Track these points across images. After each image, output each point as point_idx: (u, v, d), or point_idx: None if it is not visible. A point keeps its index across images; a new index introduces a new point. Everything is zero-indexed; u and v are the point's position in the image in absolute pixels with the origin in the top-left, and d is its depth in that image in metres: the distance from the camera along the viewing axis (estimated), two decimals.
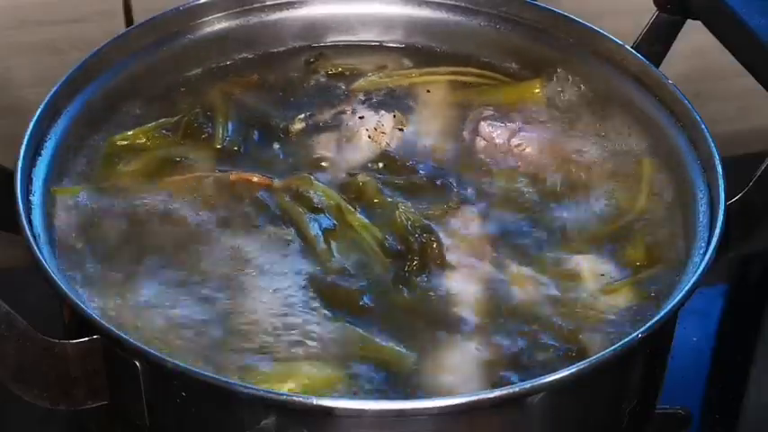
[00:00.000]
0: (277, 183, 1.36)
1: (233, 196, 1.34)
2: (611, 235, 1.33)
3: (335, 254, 1.28)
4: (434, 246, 1.28)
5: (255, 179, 1.36)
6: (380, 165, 1.39)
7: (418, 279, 1.26)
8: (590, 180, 1.39)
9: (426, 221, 1.31)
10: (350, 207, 1.32)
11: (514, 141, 1.42)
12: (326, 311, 1.23)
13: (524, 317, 1.24)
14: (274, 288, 1.25)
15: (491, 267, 1.28)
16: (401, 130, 1.44)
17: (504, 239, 1.31)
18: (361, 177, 1.36)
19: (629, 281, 1.28)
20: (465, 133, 1.44)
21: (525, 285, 1.27)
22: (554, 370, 1.15)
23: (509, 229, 1.33)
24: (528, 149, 1.41)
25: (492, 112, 1.46)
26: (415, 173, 1.38)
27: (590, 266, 1.29)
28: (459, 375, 1.18)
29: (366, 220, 1.31)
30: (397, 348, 1.20)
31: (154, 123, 1.42)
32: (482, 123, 1.43)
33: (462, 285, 1.26)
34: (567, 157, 1.42)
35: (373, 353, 1.19)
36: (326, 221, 1.31)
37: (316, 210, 1.32)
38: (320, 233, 1.29)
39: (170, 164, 1.38)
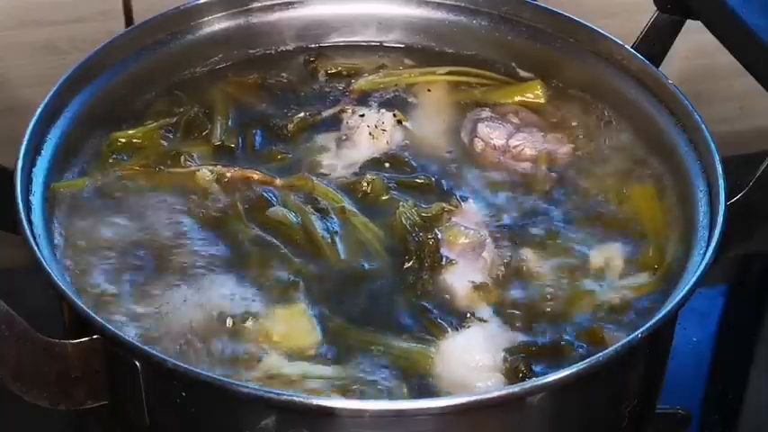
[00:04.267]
0: (278, 181, 1.36)
1: (234, 192, 1.35)
2: (610, 234, 1.33)
3: (339, 253, 1.28)
4: (432, 244, 1.28)
5: (257, 177, 1.36)
6: (381, 164, 1.39)
7: (419, 276, 1.26)
8: (588, 180, 1.39)
9: (425, 220, 1.31)
10: (351, 206, 1.33)
11: (513, 142, 1.42)
12: (332, 311, 1.23)
13: (526, 312, 1.24)
14: (277, 285, 1.25)
15: (492, 263, 1.28)
16: (402, 128, 1.44)
17: (504, 237, 1.32)
18: (369, 176, 1.36)
19: (629, 280, 1.28)
20: (464, 132, 1.44)
21: (526, 280, 1.27)
22: (556, 363, 1.15)
23: (508, 228, 1.33)
24: (526, 149, 1.41)
25: (492, 113, 1.46)
26: (416, 171, 1.39)
27: (589, 265, 1.29)
28: (466, 369, 1.19)
29: (367, 220, 1.31)
30: (415, 345, 1.20)
31: (155, 123, 1.42)
32: (481, 123, 1.43)
33: (463, 282, 1.26)
34: (566, 157, 1.42)
35: (388, 350, 1.20)
36: (329, 220, 1.31)
37: (318, 209, 1.32)
38: (326, 232, 1.30)
39: (169, 159, 1.38)
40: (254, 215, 1.32)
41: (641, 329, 1.15)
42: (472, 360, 1.19)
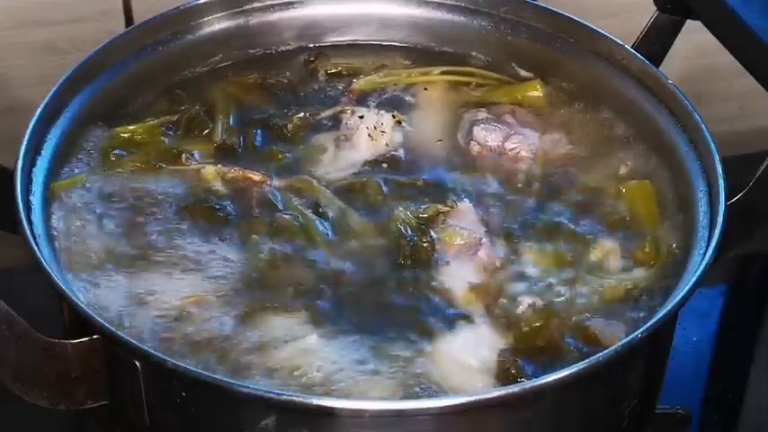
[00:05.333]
0: (278, 182, 1.36)
1: (233, 191, 1.35)
2: (607, 233, 1.33)
3: (337, 255, 1.28)
4: (427, 246, 1.29)
5: (257, 178, 1.36)
6: (379, 164, 1.39)
7: (415, 278, 1.27)
8: (586, 180, 1.39)
9: (421, 221, 1.31)
10: (349, 208, 1.33)
11: (509, 144, 1.42)
12: (329, 311, 1.24)
13: (522, 312, 1.24)
14: (276, 287, 1.25)
15: (487, 264, 1.29)
16: (400, 129, 1.44)
17: (500, 238, 1.32)
18: (363, 178, 1.36)
19: (628, 280, 1.28)
20: (461, 134, 1.44)
21: (522, 281, 1.27)
22: (551, 364, 1.15)
23: (504, 228, 1.33)
24: (522, 152, 1.41)
25: (488, 114, 1.45)
26: (414, 173, 1.39)
27: (586, 264, 1.29)
28: (460, 371, 1.19)
29: (364, 222, 1.31)
30: (410, 347, 1.20)
31: (156, 121, 1.43)
32: (477, 126, 1.43)
33: (459, 283, 1.27)
34: (563, 157, 1.42)
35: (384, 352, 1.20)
36: (327, 223, 1.31)
37: (317, 212, 1.32)
38: (325, 235, 1.30)
39: (170, 157, 1.38)
40: (254, 216, 1.32)
41: (641, 329, 1.15)
42: (467, 362, 1.19)
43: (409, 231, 1.30)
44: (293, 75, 1.52)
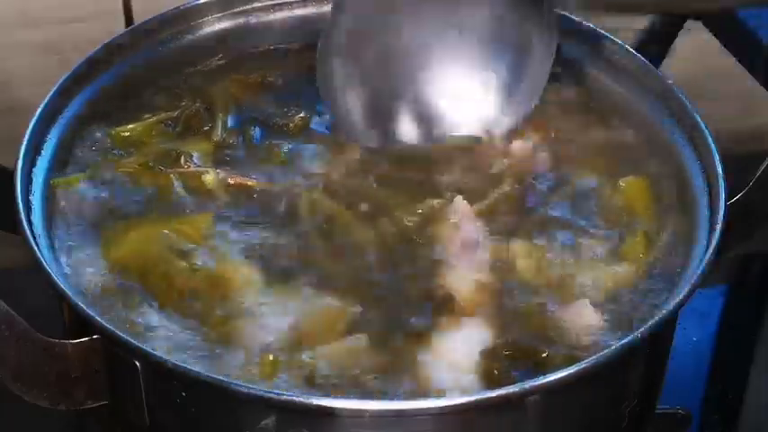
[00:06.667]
0: (277, 187, 1.36)
1: (232, 196, 1.35)
2: (609, 234, 1.33)
3: (332, 258, 1.28)
4: (424, 245, 1.29)
5: (254, 184, 1.36)
6: (378, 164, 1.39)
7: (411, 277, 1.27)
8: (584, 179, 1.39)
9: (419, 221, 1.31)
10: (346, 210, 1.33)
11: (508, 145, 1.42)
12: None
13: (520, 310, 1.24)
14: (272, 290, 1.26)
15: (484, 262, 1.29)
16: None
17: (497, 236, 1.31)
18: (362, 178, 1.36)
19: (628, 280, 1.28)
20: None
21: (518, 280, 1.27)
22: (551, 361, 1.16)
23: (501, 227, 1.33)
24: (521, 150, 1.41)
25: None
26: (413, 171, 1.39)
27: (581, 263, 1.29)
28: (460, 369, 1.19)
29: (361, 222, 1.31)
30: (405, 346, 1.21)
31: (155, 118, 1.43)
32: None
33: (456, 281, 1.26)
34: (564, 156, 1.42)
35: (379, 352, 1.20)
36: (322, 226, 1.31)
37: (312, 214, 1.32)
38: (323, 237, 1.30)
39: (169, 156, 1.38)
40: (252, 221, 1.32)
41: (641, 329, 1.15)
42: (463, 361, 1.19)
43: (407, 230, 1.30)
44: (293, 74, 1.52)
